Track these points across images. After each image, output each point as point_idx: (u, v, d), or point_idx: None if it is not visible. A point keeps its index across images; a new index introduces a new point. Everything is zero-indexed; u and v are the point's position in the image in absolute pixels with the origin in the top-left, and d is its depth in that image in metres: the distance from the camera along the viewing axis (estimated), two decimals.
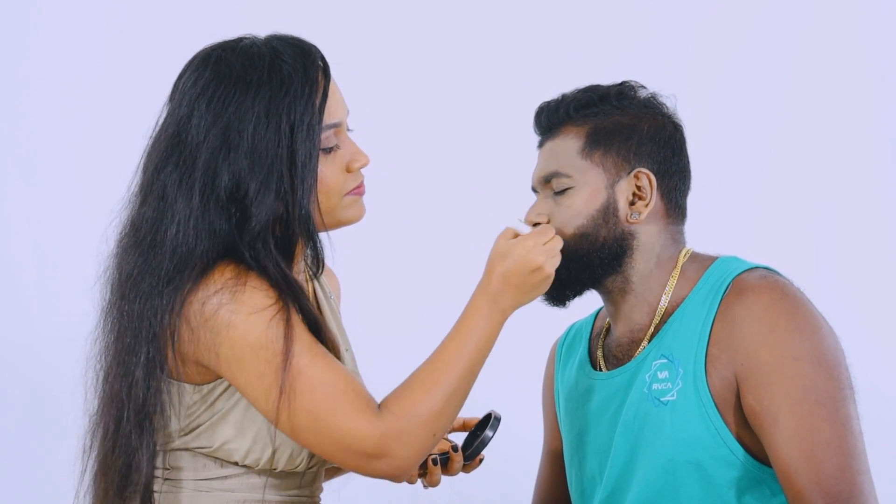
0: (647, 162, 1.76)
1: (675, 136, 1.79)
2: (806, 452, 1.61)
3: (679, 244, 1.80)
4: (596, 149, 1.76)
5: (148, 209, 1.59)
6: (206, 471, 1.61)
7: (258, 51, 1.61)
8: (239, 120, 1.57)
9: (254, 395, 1.54)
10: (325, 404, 1.53)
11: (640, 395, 1.73)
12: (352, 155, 1.65)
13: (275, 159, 1.57)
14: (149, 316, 1.55)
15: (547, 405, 1.98)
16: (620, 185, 1.76)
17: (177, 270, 1.55)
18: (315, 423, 1.53)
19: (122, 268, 1.60)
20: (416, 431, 1.54)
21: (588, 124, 1.77)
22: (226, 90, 1.58)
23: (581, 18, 3.25)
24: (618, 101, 1.78)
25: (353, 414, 1.53)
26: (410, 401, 1.55)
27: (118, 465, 1.58)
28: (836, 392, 1.63)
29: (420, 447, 1.55)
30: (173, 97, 1.63)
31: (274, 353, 1.53)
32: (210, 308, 1.53)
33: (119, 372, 1.58)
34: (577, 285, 1.77)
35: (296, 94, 1.59)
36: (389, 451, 1.54)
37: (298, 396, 1.53)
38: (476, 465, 1.79)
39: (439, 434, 1.57)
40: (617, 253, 1.76)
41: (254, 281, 1.55)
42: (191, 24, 3.07)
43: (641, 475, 1.72)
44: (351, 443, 1.53)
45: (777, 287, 1.68)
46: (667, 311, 1.76)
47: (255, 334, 1.53)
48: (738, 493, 1.68)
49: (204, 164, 1.57)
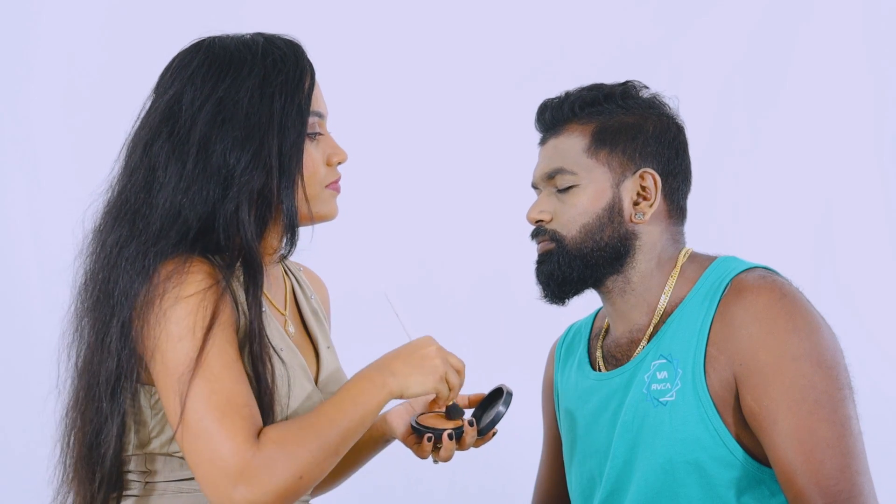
0: (652, 162, 1.77)
1: (679, 137, 1.80)
2: (805, 453, 1.61)
3: (679, 244, 1.80)
4: (601, 147, 1.76)
5: (137, 180, 1.61)
6: (182, 470, 1.61)
7: (251, 38, 1.67)
8: (234, 93, 1.61)
9: (162, 384, 1.53)
10: (214, 412, 1.51)
11: (639, 396, 1.73)
12: (333, 149, 1.68)
13: (266, 132, 1.60)
14: (131, 279, 1.56)
15: (546, 405, 1.98)
16: (625, 184, 1.76)
17: (163, 231, 1.57)
18: (198, 424, 1.51)
19: (106, 239, 1.62)
20: (284, 464, 1.51)
21: (593, 123, 1.77)
22: (220, 67, 1.63)
23: (581, 18, 3.25)
24: (622, 100, 1.78)
25: (234, 431, 1.51)
26: (287, 434, 1.53)
27: (88, 438, 1.58)
28: (835, 392, 1.63)
29: (283, 483, 1.51)
30: (160, 85, 1.66)
31: (192, 348, 1.52)
32: (158, 291, 1.54)
33: (94, 342, 1.58)
34: (577, 284, 1.77)
35: (288, 75, 1.63)
36: (253, 478, 1.50)
37: (196, 397, 1.51)
38: (488, 439, 1.78)
39: (305, 480, 1.53)
40: (620, 252, 1.76)
41: (197, 264, 1.56)
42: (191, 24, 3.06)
43: (640, 475, 1.72)
44: (217, 456, 1.50)
45: (776, 287, 1.68)
46: (666, 310, 1.76)
47: (179, 320, 1.53)
48: (737, 494, 1.68)
49: (199, 133, 1.60)
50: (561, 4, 3.25)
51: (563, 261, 1.74)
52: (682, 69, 3.21)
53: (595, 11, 3.25)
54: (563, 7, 3.25)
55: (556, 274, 1.76)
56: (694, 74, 3.21)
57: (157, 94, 1.66)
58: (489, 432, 1.75)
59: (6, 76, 3.07)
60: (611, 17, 3.26)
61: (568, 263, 1.74)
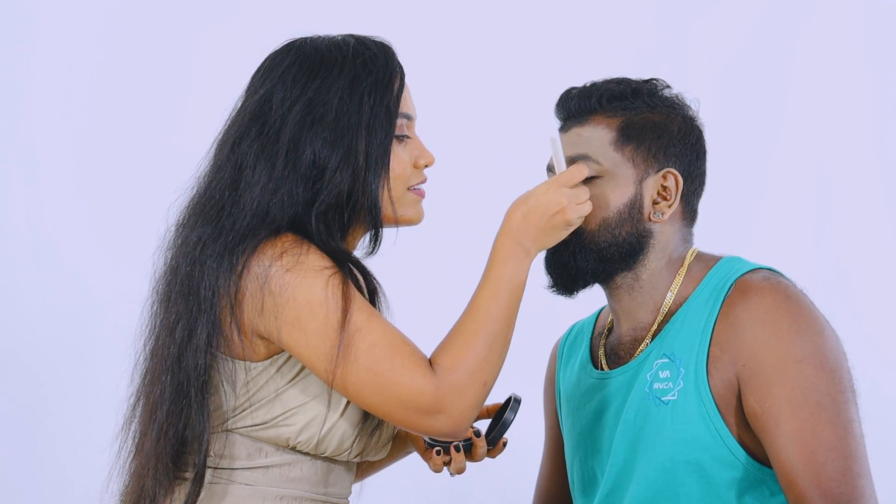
0: (675, 163, 1.76)
1: (701, 140, 1.80)
2: (807, 455, 1.61)
3: (688, 244, 1.80)
4: (628, 143, 1.75)
5: (224, 178, 1.63)
6: (248, 459, 1.63)
7: (342, 39, 1.68)
8: (324, 94, 1.62)
9: (314, 356, 1.56)
10: (384, 360, 1.56)
11: (642, 395, 1.73)
12: (420, 151, 1.70)
13: (356, 134, 1.62)
14: (217, 276, 1.58)
15: (548, 404, 1.98)
16: (648, 182, 1.76)
17: (251, 229, 1.59)
18: (375, 379, 1.56)
19: (188, 236, 1.63)
20: (467, 382, 1.57)
21: (619, 117, 1.76)
22: (311, 67, 1.64)
23: (581, 17, 3.25)
24: (649, 97, 1.77)
25: (412, 369, 1.56)
26: (456, 353, 1.58)
27: (177, 432, 1.60)
28: (838, 395, 1.63)
29: (473, 399, 1.58)
30: (251, 85, 1.67)
31: (333, 310, 1.56)
32: (273, 271, 1.56)
33: (178, 337, 1.60)
34: (588, 276, 1.77)
35: (378, 76, 1.65)
36: (445, 405, 1.56)
37: (358, 353, 1.55)
38: (500, 450, 1.79)
39: (490, 383, 1.59)
40: (634, 250, 1.75)
41: (314, 248, 1.59)
42: (191, 25, 3.07)
43: (641, 474, 1.72)
44: (410, 398, 1.56)
45: (780, 289, 1.68)
46: (670, 309, 1.76)
47: (315, 292, 1.56)
48: (737, 494, 1.68)
49: (289, 134, 1.61)
50: (561, 4, 3.25)
51: (579, 253, 1.74)
52: (682, 68, 3.21)
53: (595, 11, 3.25)
54: (563, 7, 3.25)
55: (571, 265, 1.75)
56: (694, 74, 3.21)
57: (247, 93, 1.67)
58: (499, 441, 1.76)
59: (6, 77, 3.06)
60: (611, 17, 3.26)
61: (583, 256, 1.74)
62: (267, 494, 1.63)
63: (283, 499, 1.64)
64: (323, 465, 1.66)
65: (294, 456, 1.64)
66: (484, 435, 1.76)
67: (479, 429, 1.76)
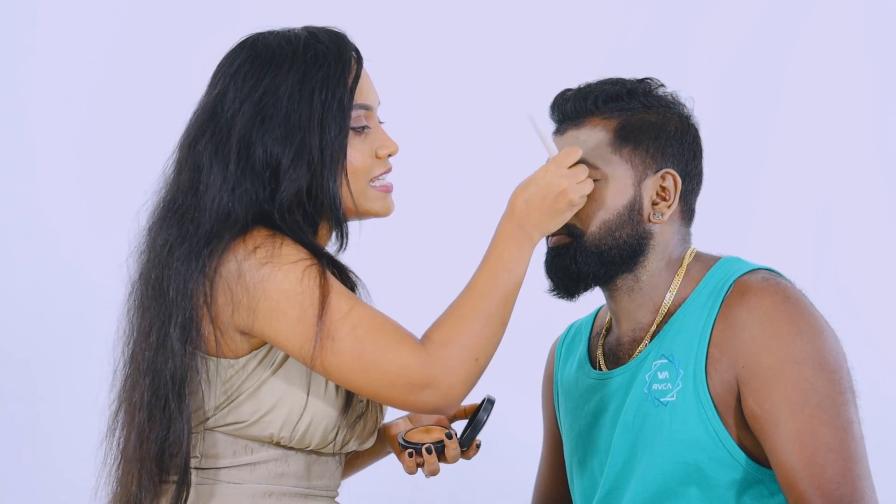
0: (673, 163, 1.76)
1: (697, 139, 1.80)
2: (807, 457, 1.61)
3: (687, 244, 1.80)
4: (625, 144, 1.75)
5: (183, 181, 1.63)
6: (234, 457, 1.63)
7: (294, 33, 1.67)
8: (274, 91, 1.62)
9: (297, 343, 1.56)
10: (367, 341, 1.56)
11: (640, 396, 1.73)
12: (381, 141, 1.69)
13: (307, 130, 1.61)
14: (185, 279, 1.58)
15: (546, 404, 1.98)
16: (646, 183, 1.75)
17: (215, 231, 1.59)
18: (360, 360, 1.56)
19: (156, 239, 1.63)
20: (457, 357, 1.57)
21: (616, 118, 1.76)
22: (261, 65, 1.63)
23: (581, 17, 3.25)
24: (645, 97, 1.77)
25: (396, 346, 1.56)
26: (449, 328, 1.58)
27: (158, 436, 1.59)
28: (838, 396, 1.63)
29: (464, 373, 1.57)
30: (209, 84, 1.67)
31: (311, 297, 1.56)
32: (247, 266, 1.56)
33: (154, 341, 1.60)
34: (589, 279, 1.76)
35: (329, 69, 1.64)
36: (434, 379, 1.56)
37: (341, 337, 1.56)
38: (475, 451, 1.77)
39: (482, 360, 1.59)
40: (635, 251, 1.75)
41: (288, 240, 1.59)
42: (191, 25, 3.07)
43: (640, 475, 1.72)
44: (397, 375, 1.56)
45: (779, 290, 1.67)
46: (669, 310, 1.76)
47: (291, 281, 1.56)
48: (737, 495, 1.67)
49: (238, 133, 1.61)
50: (561, 4, 3.25)
51: (580, 256, 1.74)
52: (682, 68, 3.21)
53: (595, 11, 3.25)
54: (563, 6, 3.25)
55: (572, 269, 1.75)
56: (693, 74, 3.21)
57: (205, 93, 1.67)
58: (472, 443, 1.75)
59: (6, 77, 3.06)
60: (611, 17, 3.25)
61: (584, 259, 1.73)
62: (255, 492, 1.63)
63: (272, 495, 1.63)
64: (309, 458, 1.66)
65: (279, 451, 1.64)
66: (458, 436, 1.76)
67: (452, 431, 1.76)
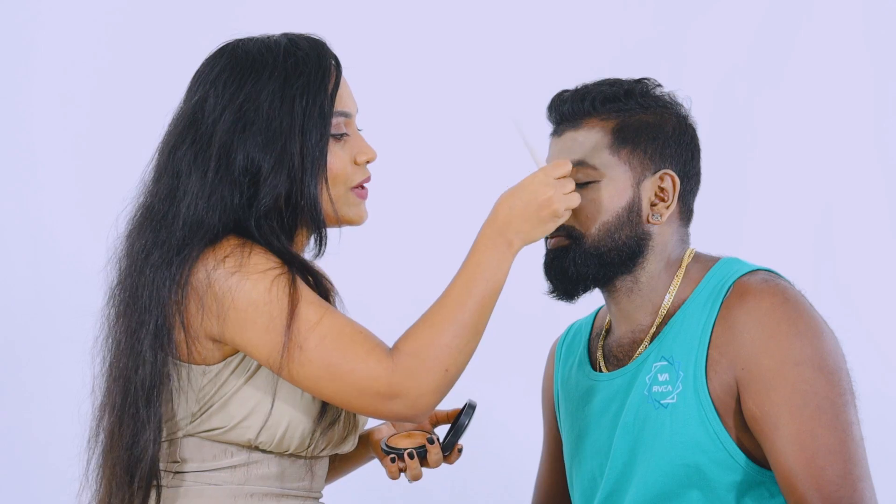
0: (671, 163, 1.76)
1: (695, 139, 1.79)
2: (806, 459, 1.60)
3: (686, 245, 1.80)
4: (624, 145, 1.75)
5: (162, 187, 1.63)
6: (214, 461, 1.63)
7: (274, 40, 1.67)
8: (254, 98, 1.62)
9: (266, 352, 1.57)
10: (335, 351, 1.56)
11: (641, 397, 1.72)
12: (359, 148, 1.69)
13: (288, 137, 1.61)
14: (158, 287, 1.58)
15: (546, 405, 1.98)
16: (644, 184, 1.75)
17: (187, 240, 1.59)
18: (328, 370, 1.56)
19: (133, 245, 1.63)
20: (426, 367, 1.56)
21: (614, 120, 1.75)
22: (242, 72, 1.63)
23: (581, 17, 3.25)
24: (642, 98, 1.77)
25: (364, 356, 1.56)
26: (419, 338, 1.58)
27: (125, 442, 1.60)
28: (837, 398, 1.62)
29: (432, 384, 1.57)
30: (188, 91, 1.67)
31: (280, 306, 1.56)
32: (216, 275, 1.57)
33: (126, 347, 1.61)
34: (589, 281, 1.76)
35: (309, 77, 1.64)
36: (402, 389, 1.56)
37: (309, 347, 1.56)
38: (457, 456, 1.77)
39: (453, 370, 1.58)
40: (634, 252, 1.75)
41: (258, 249, 1.59)
42: (191, 25, 3.06)
43: (640, 477, 1.71)
44: (365, 384, 1.56)
45: (779, 291, 1.67)
46: (669, 311, 1.75)
47: (260, 291, 1.56)
48: (737, 496, 1.67)
49: (219, 140, 1.61)
50: (561, 3, 3.25)
51: (580, 258, 1.73)
52: (682, 69, 3.21)
53: (595, 10, 3.25)
54: (563, 6, 3.24)
55: (572, 271, 1.75)
56: (693, 74, 3.20)
57: (184, 99, 1.67)
58: (454, 447, 1.74)
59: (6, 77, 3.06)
60: (611, 16, 3.25)
61: (584, 261, 1.73)
62: (237, 493, 1.63)
63: (253, 496, 1.64)
64: (289, 460, 1.66)
65: (259, 454, 1.64)
66: (440, 441, 1.76)
67: (434, 436, 1.76)
